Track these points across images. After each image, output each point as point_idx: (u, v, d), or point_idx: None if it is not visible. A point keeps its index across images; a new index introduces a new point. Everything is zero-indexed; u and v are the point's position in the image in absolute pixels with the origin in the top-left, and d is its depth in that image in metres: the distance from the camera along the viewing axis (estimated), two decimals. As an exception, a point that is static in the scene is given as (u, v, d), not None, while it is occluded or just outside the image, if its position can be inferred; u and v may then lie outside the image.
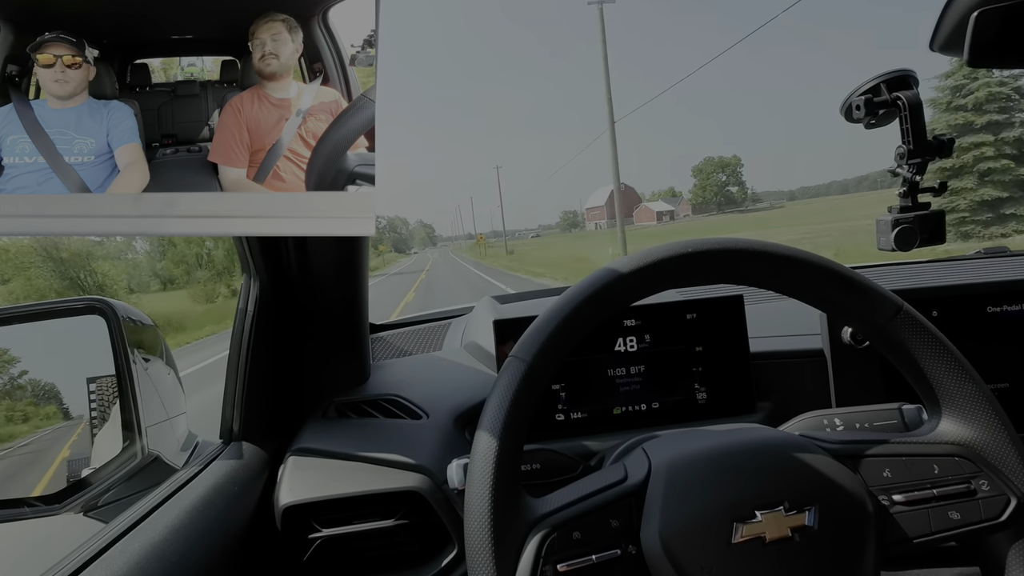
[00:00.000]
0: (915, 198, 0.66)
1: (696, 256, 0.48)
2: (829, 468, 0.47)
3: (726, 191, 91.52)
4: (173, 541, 0.58)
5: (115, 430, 0.69)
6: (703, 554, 0.44)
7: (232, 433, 0.79)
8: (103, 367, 0.70)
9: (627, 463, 0.50)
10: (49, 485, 0.68)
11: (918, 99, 0.62)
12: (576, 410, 0.82)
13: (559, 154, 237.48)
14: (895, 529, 0.47)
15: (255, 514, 0.72)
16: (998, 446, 0.48)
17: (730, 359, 0.85)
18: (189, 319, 11.34)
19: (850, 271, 0.50)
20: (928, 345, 0.49)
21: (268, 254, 0.77)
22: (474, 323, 1.14)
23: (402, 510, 0.72)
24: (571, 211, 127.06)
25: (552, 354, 0.47)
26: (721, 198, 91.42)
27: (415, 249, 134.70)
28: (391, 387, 0.90)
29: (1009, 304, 0.83)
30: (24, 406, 0.70)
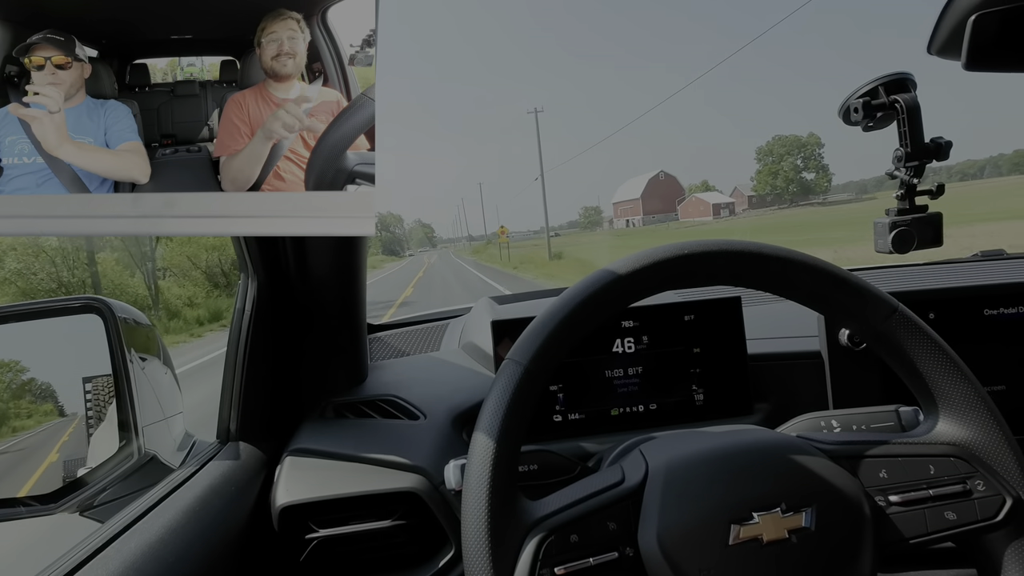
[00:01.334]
0: (912, 201, 0.67)
1: (694, 258, 0.48)
2: (826, 469, 0.47)
3: (800, 178, 73.91)
4: (169, 541, 0.58)
5: (111, 429, 0.69)
6: (700, 556, 0.44)
7: (229, 433, 0.79)
8: (100, 366, 0.70)
9: (624, 465, 0.50)
10: (38, 484, 0.67)
11: (916, 102, 0.63)
12: (574, 411, 0.82)
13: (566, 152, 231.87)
14: (892, 529, 0.48)
15: (252, 514, 0.71)
16: (993, 446, 0.49)
17: (728, 361, 0.85)
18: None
19: (846, 272, 0.50)
20: (923, 346, 0.50)
21: (266, 254, 0.77)
22: (472, 324, 1.13)
23: (399, 511, 0.72)
24: (592, 207, 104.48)
25: (549, 356, 0.47)
26: (795, 187, 73.86)
27: (410, 251, 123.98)
28: (389, 387, 0.90)
29: (1006, 307, 0.83)
30: (24, 404, 0.70)
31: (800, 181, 74.20)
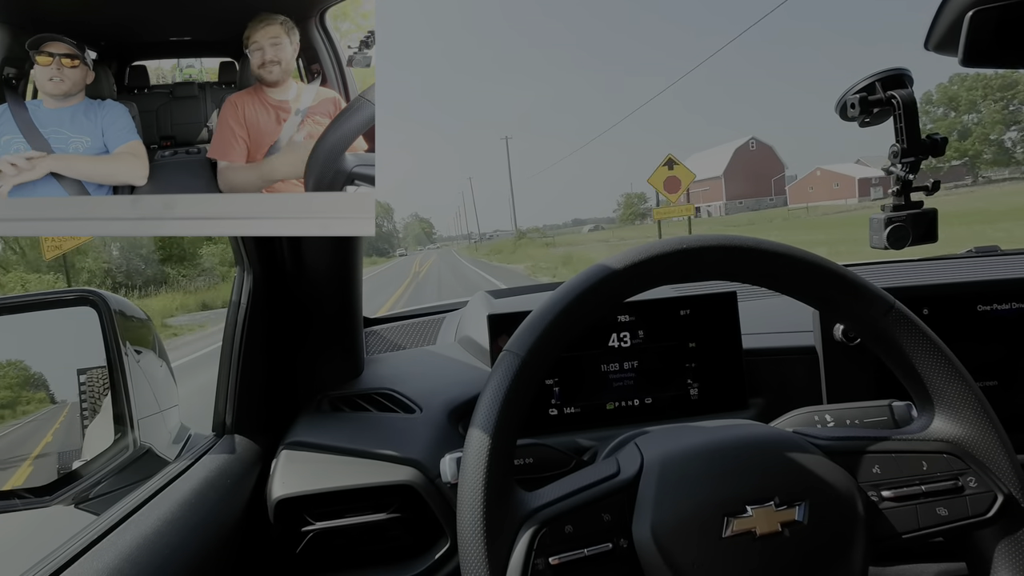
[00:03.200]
0: (908, 197, 0.67)
1: (691, 252, 0.49)
2: (820, 464, 0.48)
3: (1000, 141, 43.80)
4: (165, 534, 0.58)
5: (107, 422, 0.69)
6: (694, 548, 0.44)
7: (225, 426, 0.79)
8: (94, 359, 0.70)
9: (620, 458, 0.51)
10: (31, 477, 0.67)
11: (912, 98, 0.63)
12: (569, 405, 0.83)
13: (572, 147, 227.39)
14: (884, 524, 0.48)
15: (248, 507, 0.71)
16: (986, 443, 0.49)
17: (723, 355, 0.85)
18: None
19: (843, 269, 0.50)
20: (919, 343, 0.50)
21: (262, 247, 0.77)
22: (468, 317, 1.14)
23: (395, 504, 0.72)
24: (636, 193, 72.00)
25: (547, 349, 0.47)
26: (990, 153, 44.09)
27: (402, 250, 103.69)
28: (385, 381, 0.90)
29: (999, 303, 0.83)
30: (22, 394, 0.70)
31: (999, 144, 44.53)
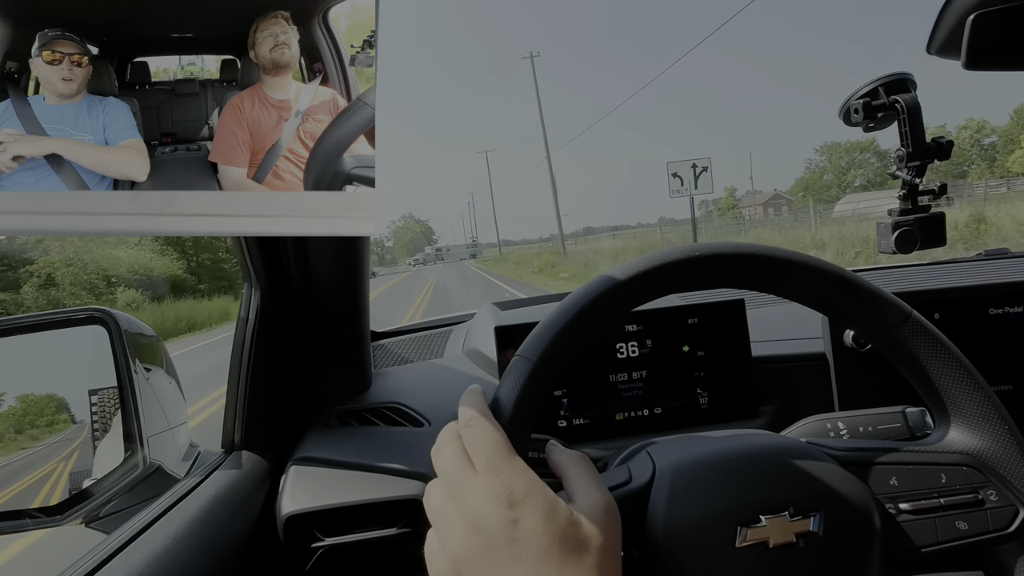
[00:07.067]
0: (915, 201, 0.67)
1: (702, 260, 0.48)
2: (835, 475, 0.47)
3: None
4: (175, 552, 0.58)
5: (117, 441, 0.69)
6: (706, 557, 0.44)
7: (234, 443, 0.79)
8: (105, 378, 0.70)
9: (631, 466, 0.50)
10: (47, 497, 0.67)
11: (916, 102, 0.63)
12: (578, 416, 0.82)
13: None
14: (902, 538, 0.47)
15: (257, 523, 0.71)
16: (1006, 456, 0.48)
17: (732, 363, 0.84)
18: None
19: (856, 276, 0.49)
20: (937, 353, 0.49)
21: (269, 262, 0.78)
22: (475, 330, 1.13)
23: (405, 518, 0.72)
24: (730, 187, 62.65)
25: (558, 355, 0.47)
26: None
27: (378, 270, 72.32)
28: (393, 395, 0.90)
29: (1011, 306, 0.83)
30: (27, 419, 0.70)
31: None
